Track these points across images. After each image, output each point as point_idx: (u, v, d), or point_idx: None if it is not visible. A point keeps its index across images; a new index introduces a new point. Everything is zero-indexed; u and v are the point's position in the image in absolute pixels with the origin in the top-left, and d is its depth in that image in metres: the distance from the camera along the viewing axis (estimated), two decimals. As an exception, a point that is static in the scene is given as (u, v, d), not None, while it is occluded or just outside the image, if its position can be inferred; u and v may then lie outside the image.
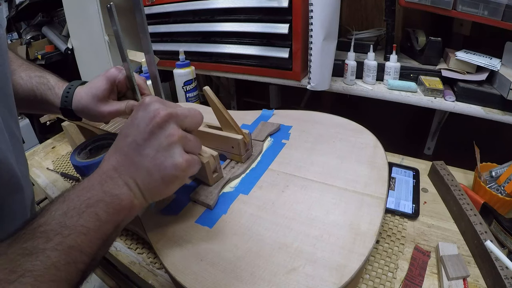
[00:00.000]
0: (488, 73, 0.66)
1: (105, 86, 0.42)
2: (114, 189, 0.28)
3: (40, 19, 1.38)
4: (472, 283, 0.39)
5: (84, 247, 0.25)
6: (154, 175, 0.29)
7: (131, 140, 0.29)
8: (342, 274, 0.30)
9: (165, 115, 0.29)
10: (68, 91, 0.44)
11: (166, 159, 0.28)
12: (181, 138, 0.29)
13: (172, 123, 0.29)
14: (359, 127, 0.53)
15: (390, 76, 0.76)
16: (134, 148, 0.29)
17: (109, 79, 0.43)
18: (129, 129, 0.30)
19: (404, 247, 0.45)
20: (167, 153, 0.29)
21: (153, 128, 0.29)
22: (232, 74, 0.91)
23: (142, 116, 0.29)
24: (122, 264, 0.46)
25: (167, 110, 0.29)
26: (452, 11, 0.64)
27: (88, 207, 0.26)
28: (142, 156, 0.29)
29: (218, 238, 0.35)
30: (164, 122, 0.29)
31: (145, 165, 0.28)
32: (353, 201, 0.38)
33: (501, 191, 0.49)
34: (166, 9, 0.92)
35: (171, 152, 0.29)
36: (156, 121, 0.29)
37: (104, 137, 0.54)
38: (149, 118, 0.29)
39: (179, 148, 0.29)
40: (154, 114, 0.29)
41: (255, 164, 0.47)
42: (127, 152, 0.29)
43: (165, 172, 0.28)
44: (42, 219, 0.25)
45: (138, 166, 0.29)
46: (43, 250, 0.23)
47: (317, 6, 0.67)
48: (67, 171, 0.70)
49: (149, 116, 0.29)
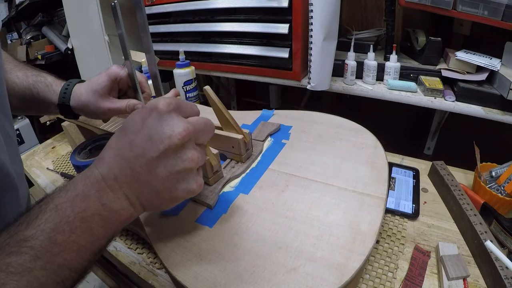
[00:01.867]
0: (488, 73, 0.66)
1: (106, 82, 0.42)
2: (113, 203, 0.25)
3: (40, 19, 1.38)
4: (472, 283, 0.39)
5: (74, 264, 0.23)
6: (162, 195, 0.26)
7: (140, 153, 0.25)
8: (342, 274, 0.30)
9: (184, 136, 0.25)
10: (66, 87, 0.44)
11: (179, 184, 0.26)
12: (198, 162, 0.27)
13: (190, 146, 0.26)
14: (359, 127, 0.53)
15: (390, 76, 0.76)
16: (144, 163, 0.25)
17: (111, 76, 0.43)
18: (138, 137, 0.25)
19: (404, 247, 0.45)
20: (180, 177, 0.26)
21: (170, 148, 0.25)
22: (232, 74, 0.91)
23: (157, 130, 0.25)
24: (122, 264, 0.46)
25: (186, 129, 0.25)
26: (452, 11, 0.64)
27: (83, 221, 0.24)
28: (152, 174, 0.25)
29: (218, 237, 0.35)
30: (182, 145, 0.26)
31: (153, 185, 0.26)
32: (353, 201, 0.38)
33: (501, 191, 0.49)
34: (166, 9, 0.93)
35: (186, 177, 0.26)
36: (174, 142, 0.25)
37: (104, 137, 0.54)
38: (166, 136, 0.25)
39: (194, 172, 0.27)
40: (171, 133, 0.25)
41: (255, 164, 0.47)
42: (134, 165, 0.25)
43: (175, 194, 0.26)
44: (29, 231, 0.22)
45: (145, 183, 0.26)
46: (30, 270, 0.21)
47: (317, 6, 0.67)
48: (67, 171, 0.70)
49: (165, 133, 0.25)
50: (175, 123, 0.25)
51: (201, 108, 0.67)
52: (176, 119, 0.26)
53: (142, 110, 0.27)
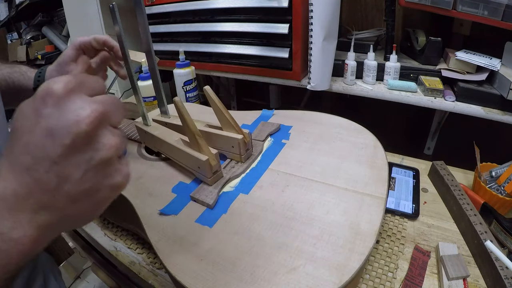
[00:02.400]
0: (488, 73, 0.66)
1: (71, 52, 0.46)
2: (12, 231, 0.19)
3: (40, 19, 1.38)
4: (472, 283, 0.39)
5: None
6: (81, 202, 0.20)
7: (41, 154, 0.19)
8: (342, 274, 0.30)
9: (94, 119, 0.19)
10: (40, 71, 0.47)
11: (101, 181, 0.20)
12: (118, 148, 0.21)
13: (104, 131, 0.20)
14: (359, 127, 0.53)
15: (390, 76, 0.76)
16: (48, 167, 0.19)
17: (75, 45, 0.46)
18: (34, 135, 0.19)
19: (404, 247, 0.45)
20: (100, 173, 0.20)
21: (78, 138, 0.19)
22: (232, 74, 0.91)
23: (57, 119, 0.19)
24: (122, 264, 0.46)
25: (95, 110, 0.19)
26: (452, 11, 0.64)
27: None
28: (62, 178, 0.19)
29: (218, 237, 0.35)
30: (94, 130, 0.19)
31: (66, 191, 0.19)
32: (353, 201, 0.38)
33: (501, 191, 0.49)
34: (166, 9, 0.93)
35: (107, 170, 0.20)
36: (82, 130, 0.19)
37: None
38: (71, 124, 0.19)
39: (115, 163, 0.21)
40: (77, 119, 0.19)
41: (255, 163, 0.47)
42: (35, 172, 0.19)
43: (98, 196, 0.21)
44: None
45: (55, 192, 0.19)
46: None
47: (317, 6, 0.67)
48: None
49: (69, 120, 0.19)
50: (79, 106, 0.19)
51: (201, 108, 0.67)
52: (79, 101, 0.19)
53: (32, 99, 0.20)
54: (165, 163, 0.49)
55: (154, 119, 0.52)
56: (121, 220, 0.51)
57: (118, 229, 0.52)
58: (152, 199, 0.42)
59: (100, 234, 0.52)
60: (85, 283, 1.13)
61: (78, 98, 0.20)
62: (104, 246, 0.50)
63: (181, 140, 0.45)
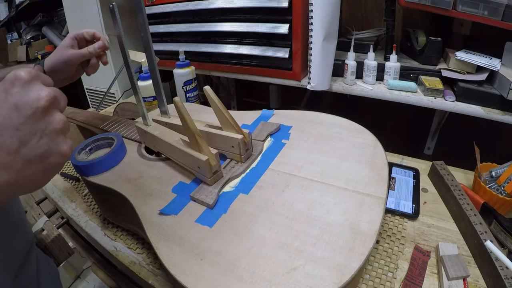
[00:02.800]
0: (488, 73, 0.66)
1: (68, 39, 0.55)
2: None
3: (40, 19, 1.38)
4: (472, 283, 0.39)
5: None
6: (35, 165, 0.25)
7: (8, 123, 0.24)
8: (343, 274, 0.30)
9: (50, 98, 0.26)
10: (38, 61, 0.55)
11: (52, 148, 0.26)
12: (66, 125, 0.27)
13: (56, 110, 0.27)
14: (359, 127, 0.53)
15: (390, 76, 0.76)
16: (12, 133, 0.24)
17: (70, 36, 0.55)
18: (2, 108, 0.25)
19: (404, 247, 0.45)
20: (51, 140, 0.26)
21: (38, 111, 0.25)
22: (232, 74, 0.91)
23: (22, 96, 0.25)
24: (122, 264, 0.46)
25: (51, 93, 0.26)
26: (452, 11, 0.64)
27: None
28: (22, 143, 0.25)
29: (218, 237, 0.35)
30: (50, 106, 0.26)
31: (24, 153, 0.25)
32: (353, 201, 0.38)
33: (501, 191, 0.49)
34: (166, 9, 0.93)
35: (57, 140, 0.26)
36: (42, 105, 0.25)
37: (104, 137, 0.54)
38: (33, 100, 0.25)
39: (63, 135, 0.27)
40: (38, 97, 0.25)
41: (255, 163, 0.47)
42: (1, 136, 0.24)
43: (49, 161, 0.26)
44: None
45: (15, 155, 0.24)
46: None
47: (317, 6, 0.67)
48: (67, 171, 0.70)
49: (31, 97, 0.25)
50: (39, 88, 0.26)
51: (201, 108, 0.67)
52: (39, 86, 0.26)
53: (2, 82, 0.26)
54: (165, 163, 0.49)
55: (154, 119, 0.52)
56: (121, 220, 0.51)
57: (118, 229, 0.52)
58: (152, 199, 0.42)
59: (100, 234, 0.52)
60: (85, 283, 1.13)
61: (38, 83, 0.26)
62: (104, 246, 0.50)
63: (181, 140, 0.45)
